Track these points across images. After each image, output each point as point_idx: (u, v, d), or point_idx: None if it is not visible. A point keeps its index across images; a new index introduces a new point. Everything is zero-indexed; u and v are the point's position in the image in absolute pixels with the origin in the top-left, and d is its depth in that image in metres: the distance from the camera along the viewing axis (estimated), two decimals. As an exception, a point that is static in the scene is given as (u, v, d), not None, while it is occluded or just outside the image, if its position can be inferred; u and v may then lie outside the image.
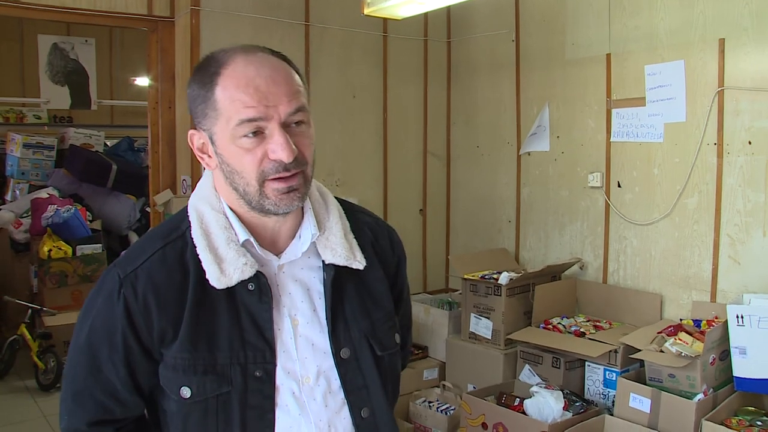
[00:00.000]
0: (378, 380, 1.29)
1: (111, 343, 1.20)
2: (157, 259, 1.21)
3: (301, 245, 1.27)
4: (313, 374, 1.24)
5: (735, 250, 3.13)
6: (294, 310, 1.25)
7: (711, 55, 3.17)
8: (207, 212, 1.24)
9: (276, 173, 1.16)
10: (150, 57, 4.04)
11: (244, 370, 1.19)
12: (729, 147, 3.13)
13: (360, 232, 1.35)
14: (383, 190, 4.52)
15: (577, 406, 3.06)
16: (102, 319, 1.21)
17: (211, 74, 1.18)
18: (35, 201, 5.75)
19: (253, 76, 1.15)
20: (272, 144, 1.15)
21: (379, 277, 1.36)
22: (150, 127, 4.05)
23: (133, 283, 1.19)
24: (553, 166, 4.01)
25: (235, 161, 1.17)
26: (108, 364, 1.20)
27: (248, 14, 3.86)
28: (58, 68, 7.09)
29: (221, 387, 1.19)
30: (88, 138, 6.92)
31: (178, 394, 1.19)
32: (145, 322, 1.18)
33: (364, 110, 4.38)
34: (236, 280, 1.18)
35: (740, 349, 2.81)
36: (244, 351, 1.20)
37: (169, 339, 1.19)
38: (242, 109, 1.14)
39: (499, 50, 4.33)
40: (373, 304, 1.33)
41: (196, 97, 1.20)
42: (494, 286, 3.58)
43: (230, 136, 1.16)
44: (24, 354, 4.87)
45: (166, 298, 1.19)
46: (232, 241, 1.21)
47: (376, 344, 1.30)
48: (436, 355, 4.00)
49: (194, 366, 1.18)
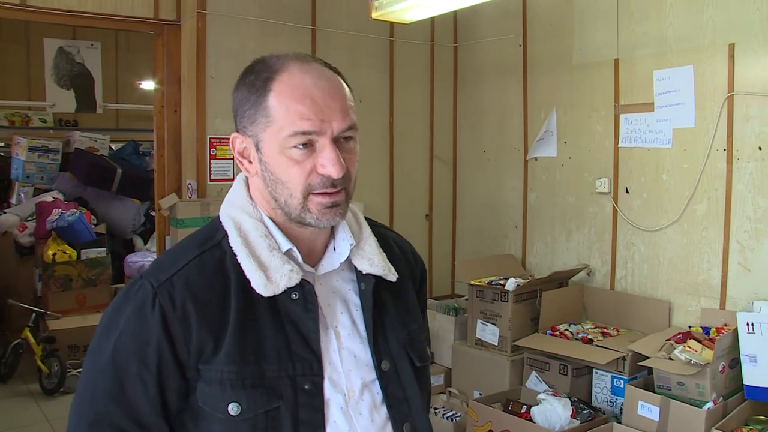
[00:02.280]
0: (417, 393, 1.25)
1: (142, 358, 1.10)
2: (195, 266, 1.14)
3: (338, 256, 1.24)
4: (358, 387, 1.19)
5: (744, 256, 3.11)
6: (335, 322, 1.21)
7: (720, 61, 3.14)
8: (245, 221, 1.19)
9: (323, 188, 1.13)
10: (156, 60, 4.03)
11: (293, 383, 1.13)
12: (739, 153, 3.11)
13: (387, 247, 1.33)
14: (389, 195, 4.50)
15: (584, 413, 3.04)
16: (131, 334, 1.11)
17: (264, 79, 1.13)
18: (40, 204, 5.75)
19: (310, 86, 1.12)
20: (322, 159, 1.12)
21: (410, 290, 1.34)
22: (155, 131, 4.04)
23: (169, 291, 1.11)
24: (560, 172, 3.99)
25: (281, 171, 1.13)
26: (136, 384, 1.11)
27: (255, 18, 3.85)
28: (64, 72, 7.09)
29: (271, 402, 1.12)
30: (93, 141, 6.93)
31: (225, 411, 1.10)
32: (184, 333, 1.10)
33: (370, 114, 4.36)
34: (283, 286, 1.13)
35: (750, 357, 2.78)
36: (292, 362, 1.14)
37: (209, 352, 1.11)
38: (297, 121, 1.10)
39: (506, 55, 4.31)
40: (409, 316, 1.31)
41: (245, 101, 1.16)
42: (501, 292, 3.56)
43: (280, 146, 1.12)
44: (28, 358, 4.85)
45: (207, 307, 1.12)
46: (274, 248, 1.16)
47: (414, 356, 1.27)
48: (442, 362, 3.98)
49: (242, 380, 1.11)
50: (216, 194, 3.79)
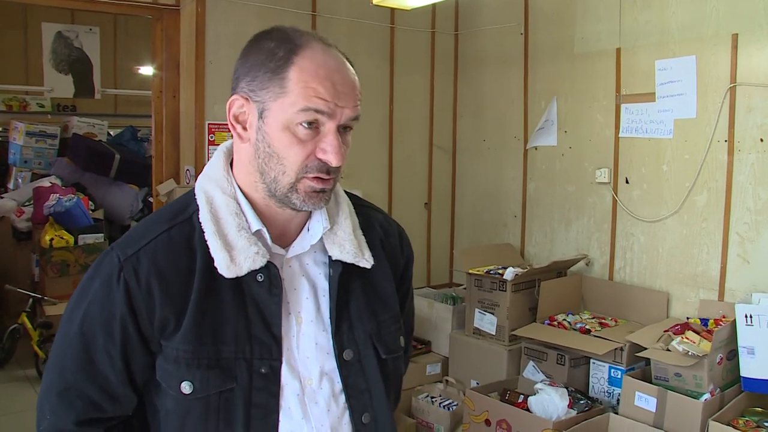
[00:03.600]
0: (381, 384, 1.24)
1: (108, 332, 1.11)
2: (162, 241, 1.14)
3: (310, 238, 1.22)
4: (316, 376, 1.18)
5: (744, 248, 3.10)
6: (298, 307, 1.20)
7: (724, 51, 3.12)
8: (217, 195, 1.17)
9: (317, 172, 1.13)
10: (155, 46, 4.00)
11: (250, 366, 1.13)
12: (740, 144, 3.09)
13: (369, 229, 1.30)
14: (388, 183, 4.48)
15: (581, 404, 3.04)
16: (99, 306, 1.12)
17: (286, 50, 1.11)
18: (37, 190, 5.73)
19: (333, 70, 1.12)
20: (325, 144, 1.12)
21: (387, 277, 1.30)
22: (154, 117, 4.02)
23: (134, 266, 1.11)
24: (560, 161, 3.97)
25: (282, 146, 1.12)
26: (103, 355, 1.12)
27: (254, 3, 3.82)
28: (62, 56, 7.05)
29: (225, 383, 1.12)
30: (92, 127, 6.89)
31: (178, 389, 1.11)
32: (147, 308, 1.11)
33: (370, 102, 4.31)
34: (246, 269, 1.12)
35: (748, 349, 2.78)
36: (250, 345, 1.13)
37: (170, 329, 1.11)
38: (314, 98, 1.09)
39: (507, 43, 4.28)
40: (380, 305, 1.28)
41: (260, 66, 1.12)
42: (499, 282, 3.55)
43: (287, 119, 1.10)
44: (25, 343, 4.85)
45: (171, 284, 1.11)
46: (243, 228, 1.15)
47: (381, 347, 1.25)
48: (440, 350, 3.97)
49: (198, 359, 1.11)
50: (214, 181, 3.76)
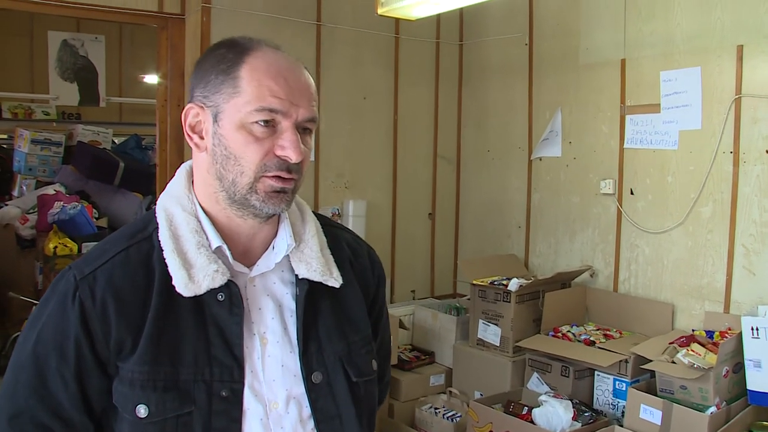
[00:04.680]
0: (353, 410, 1.19)
1: (61, 353, 1.07)
2: (119, 260, 1.11)
3: (275, 256, 1.18)
4: (282, 399, 1.14)
5: (750, 260, 3.08)
6: (263, 328, 1.15)
7: (729, 62, 3.12)
8: (177, 213, 1.15)
9: (277, 170, 1.10)
10: (160, 54, 4.01)
11: (209, 389, 1.08)
12: (745, 156, 3.08)
13: (337, 248, 1.27)
14: (392, 193, 4.48)
15: (586, 416, 3.02)
16: (53, 327, 1.08)
17: (237, 52, 1.12)
18: (42, 197, 5.73)
19: (284, 69, 1.12)
20: (283, 140, 1.10)
21: (357, 298, 1.27)
22: (158, 125, 4.02)
23: (90, 286, 1.08)
24: (564, 172, 3.96)
25: (237, 146, 1.10)
26: (56, 378, 1.07)
27: (259, 12, 3.83)
28: (68, 65, 7.07)
29: (183, 406, 1.07)
30: (96, 135, 6.90)
31: (133, 413, 1.06)
32: (102, 329, 1.07)
33: (374, 112, 4.34)
34: (205, 287, 1.09)
35: (755, 362, 2.76)
36: (210, 367, 1.09)
37: (127, 350, 1.07)
38: (268, 96, 1.08)
39: (511, 54, 4.28)
40: (350, 326, 1.23)
41: (210, 71, 1.13)
42: (503, 293, 3.53)
43: (241, 119, 1.09)
44: (27, 351, 4.84)
45: (127, 304, 1.08)
46: (203, 246, 1.12)
47: (351, 369, 1.20)
48: (443, 361, 3.95)
49: (154, 381, 1.07)
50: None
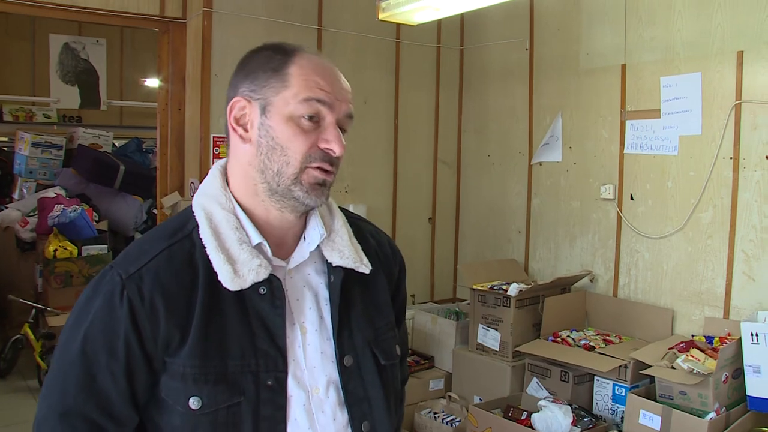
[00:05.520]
0: (381, 392, 1.24)
1: (111, 351, 1.11)
2: (164, 258, 1.14)
3: (308, 245, 1.24)
4: (323, 385, 1.19)
5: (750, 266, 3.08)
6: (302, 317, 1.21)
7: (729, 68, 3.12)
8: (216, 211, 1.19)
9: (321, 162, 1.17)
10: (161, 58, 4.02)
11: (256, 379, 1.13)
12: (745, 161, 3.09)
13: (363, 238, 1.33)
14: (392, 198, 4.48)
15: (585, 421, 3.01)
16: (101, 325, 1.11)
17: (284, 53, 1.20)
18: (42, 200, 5.74)
19: (328, 68, 1.20)
20: (327, 134, 1.17)
21: (382, 285, 1.33)
22: (159, 129, 4.03)
23: (137, 284, 1.11)
24: (564, 177, 3.96)
25: (285, 137, 1.16)
26: (106, 376, 1.11)
27: (261, 17, 3.84)
28: (69, 68, 7.10)
29: (233, 397, 1.12)
30: (97, 138, 6.92)
31: (186, 405, 1.11)
32: (151, 326, 1.10)
33: (375, 116, 4.35)
34: (250, 281, 1.13)
35: (754, 367, 2.75)
36: (255, 358, 1.14)
37: (174, 345, 1.11)
38: (316, 89, 1.16)
39: (512, 59, 4.29)
40: (377, 312, 1.30)
41: (259, 67, 1.20)
42: (503, 297, 3.54)
43: (290, 111, 1.16)
44: (27, 354, 4.85)
45: (174, 300, 1.12)
46: (244, 242, 1.16)
47: (379, 353, 1.26)
48: (443, 366, 3.95)
49: (205, 374, 1.11)
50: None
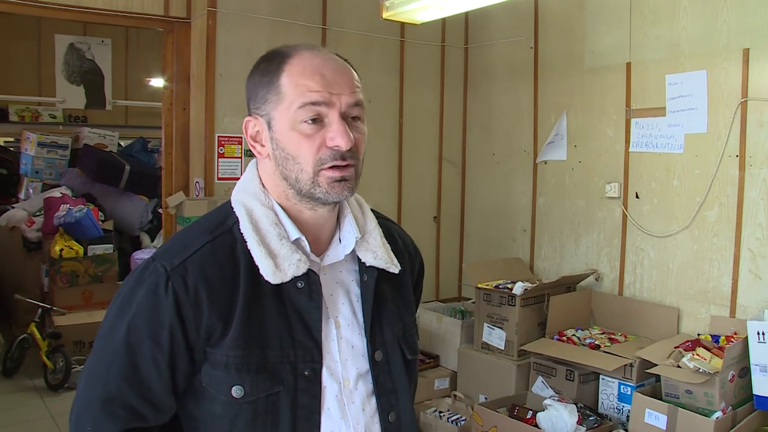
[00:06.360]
0: (406, 384, 1.31)
1: (156, 340, 1.14)
2: (207, 251, 1.18)
3: (344, 248, 1.27)
4: (353, 377, 1.24)
5: (756, 264, 3.07)
6: (336, 312, 1.25)
7: (734, 66, 3.11)
8: (256, 207, 1.23)
9: (332, 161, 1.17)
10: (165, 58, 4.03)
11: (294, 369, 1.18)
12: (752, 159, 3.08)
13: (391, 238, 1.37)
14: (397, 197, 4.48)
15: (591, 420, 3.01)
16: (146, 315, 1.14)
17: (276, 63, 1.20)
18: (48, 200, 5.76)
19: (320, 65, 1.19)
20: (331, 132, 1.17)
21: (408, 283, 1.40)
22: (164, 129, 4.04)
23: (182, 275, 1.14)
24: (569, 176, 3.96)
25: (292, 146, 1.18)
26: (149, 364, 1.15)
27: (265, 16, 3.84)
28: (74, 68, 7.11)
29: (273, 386, 1.17)
30: (102, 138, 6.94)
31: (228, 394, 1.15)
32: (195, 316, 1.14)
33: (379, 115, 4.34)
34: (291, 275, 1.17)
35: (761, 366, 2.74)
36: (293, 349, 1.18)
37: (217, 336, 1.15)
38: (306, 93, 1.16)
39: (517, 57, 4.28)
40: (404, 308, 1.36)
41: (257, 84, 1.22)
42: (508, 296, 3.53)
43: (290, 121, 1.17)
44: (33, 353, 4.86)
45: (218, 291, 1.15)
46: (284, 237, 1.20)
47: (406, 348, 1.33)
48: (448, 365, 3.95)
49: (247, 364, 1.15)
50: (223, 193, 3.78)
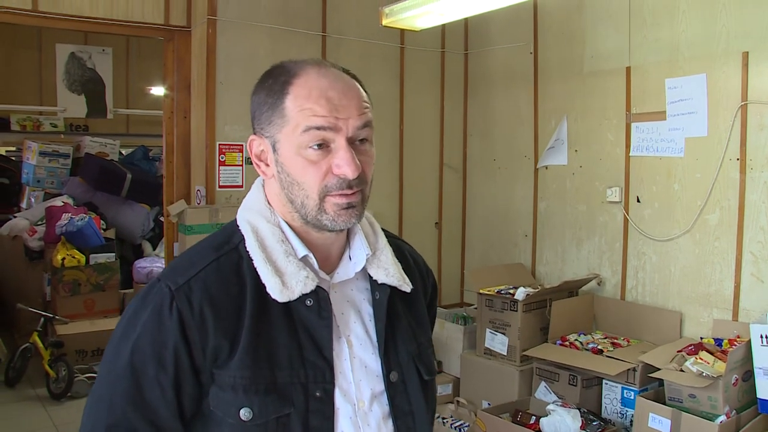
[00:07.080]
0: (423, 406, 1.25)
1: (160, 362, 1.10)
2: (212, 270, 1.15)
3: (354, 266, 1.23)
4: (368, 398, 1.19)
5: (758, 267, 3.07)
6: (347, 331, 1.21)
7: (734, 69, 3.11)
8: (262, 225, 1.19)
9: (338, 189, 1.13)
10: (166, 66, 4.04)
11: (305, 390, 1.13)
12: (752, 162, 3.08)
13: (402, 257, 1.33)
14: (399, 203, 4.48)
15: (594, 425, 3.00)
16: (149, 337, 1.11)
17: (281, 83, 1.15)
18: (50, 209, 5.76)
19: (326, 87, 1.14)
20: (337, 159, 1.12)
21: (421, 302, 1.35)
22: (165, 137, 4.04)
23: (187, 295, 1.11)
24: (570, 180, 3.96)
25: (298, 172, 1.14)
26: (154, 387, 1.11)
27: (265, 24, 3.85)
28: (75, 77, 7.13)
29: (283, 408, 1.12)
30: (104, 147, 6.96)
31: (236, 416, 1.10)
32: (200, 337, 1.10)
33: (380, 122, 4.29)
34: (299, 292, 1.13)
35: (764, 370, 2.74)
36: (304, 369, 1.14)
37: (224, 357, 1.11)
38: (311, 117, 1.12)
39: (516, 62, 4.29)
40: (419, 328, 1.31)
41: (262, 104, 1.17)
42: (510, 302, 3.53)
43: (296, 146, 1.13)
44: (36, 362, 4.85)
45: (224, 311, 1.12)
46: (291, 254, 1.17)
47: (422, 368, 1.27)
48: (451, 371, 3.95)
49: (256, 385, 1.11)
50: (224, 201, 3.78)
